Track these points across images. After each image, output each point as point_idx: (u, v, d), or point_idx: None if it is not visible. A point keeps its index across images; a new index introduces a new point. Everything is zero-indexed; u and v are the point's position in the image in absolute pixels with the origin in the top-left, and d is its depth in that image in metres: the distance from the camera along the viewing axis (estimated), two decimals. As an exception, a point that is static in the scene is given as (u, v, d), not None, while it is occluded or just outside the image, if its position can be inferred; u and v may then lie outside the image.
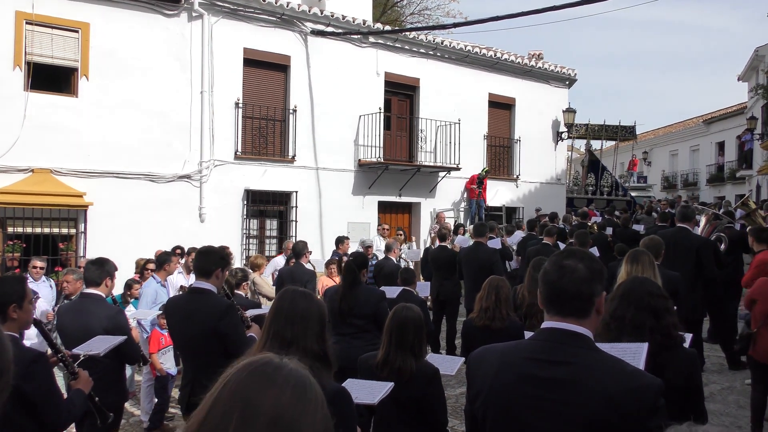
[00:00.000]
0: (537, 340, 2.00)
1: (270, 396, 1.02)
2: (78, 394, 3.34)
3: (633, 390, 1.80)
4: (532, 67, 17.65)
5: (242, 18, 12.72)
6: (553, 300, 1.98)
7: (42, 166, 10.48)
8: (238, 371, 1.07)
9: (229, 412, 1.00)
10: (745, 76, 27.16)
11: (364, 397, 3.18)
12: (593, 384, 1.82)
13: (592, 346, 1.93)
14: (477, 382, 2.07)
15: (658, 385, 1.84)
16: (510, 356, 2.03)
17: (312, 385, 1.08)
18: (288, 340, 2.31)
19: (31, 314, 3.28)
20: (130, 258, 9.86)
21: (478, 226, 8.94)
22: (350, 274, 5.29)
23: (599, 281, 1.97)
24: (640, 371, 1.92)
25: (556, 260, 2.03)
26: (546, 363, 1.91)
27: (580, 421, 1.81)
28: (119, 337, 4.10)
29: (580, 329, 1.92)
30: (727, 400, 6.70)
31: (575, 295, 1.93)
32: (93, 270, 4.34)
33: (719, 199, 23.89)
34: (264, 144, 13.31)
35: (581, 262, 1.97)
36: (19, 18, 10.38)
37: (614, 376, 1.83)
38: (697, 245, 6.83)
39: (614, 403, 1.78)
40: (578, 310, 1.94)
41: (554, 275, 1.98)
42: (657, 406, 1.80)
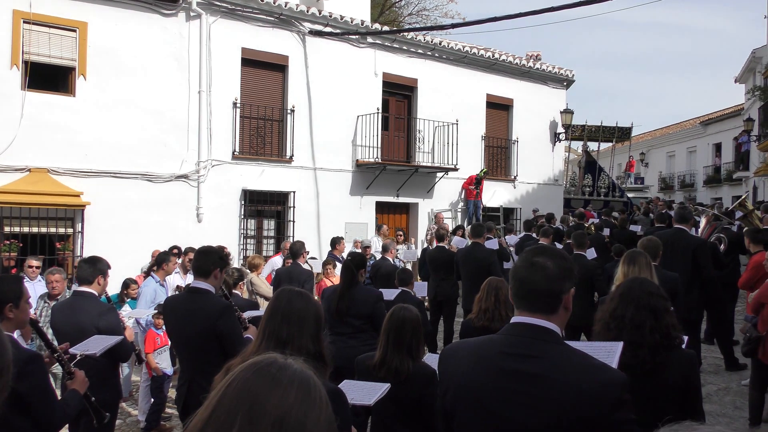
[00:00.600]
0: (508, 334, 2.05)
1: (275, 396, 1.02)
2: (73, 394, 3.34)
3: (599, 384, 1.85)
4: (530, 68, 17.67)
5: (240, 18, 12.71)
6: (522, 296, 2.03)
7: (39, 166, 10.45)
8: (243, 371, 1.07)
9: (234, 412, 1.00)
10: (742, 77, 27.23)
11: (360, 398, 3.19)
12: (561, 378, 1.87)
13: (560, 341, 1.98)
14: (448, 377, 2.12)
15: (623, 379, 1.89)
16: (481, 351, 2.07)
17: (316, 386, 1.08)
18: (283, 339, 2.32)
19: (27, 314, 3.28)
20: (127, 258, 9.87)
21: (476, 226, 8.95)
22: (348, 274, 5.31)
23: (569, 279, 2.02)
24: (606, 365, 1.96)
25: (526, 257, 2.08)
26: (516, 357, 1.96)
27: (549, 414, 1.86)
28: (116, 337, 4.10)
29: (548, 324, 1.98)
30: (724, 401, 6.72)
31: (544, 292, 1.99)
32: (86, 268, 4.36)
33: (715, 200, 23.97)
34: (262, 144, 13.30)
35: (551, 259, 2.02)
36: (16, 17, 10.36)
37: (582, 371, 1.88)
38: (694, 246, 6.85)
39: (582, 396, 1.83)
40: (547, 306, 1.99)
41: (525, 272, 2.03)
42: (622, 400, 1.85)
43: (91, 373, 3.57)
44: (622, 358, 2.82)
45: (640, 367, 2.82)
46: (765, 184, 23.29)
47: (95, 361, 3.85)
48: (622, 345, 2.72)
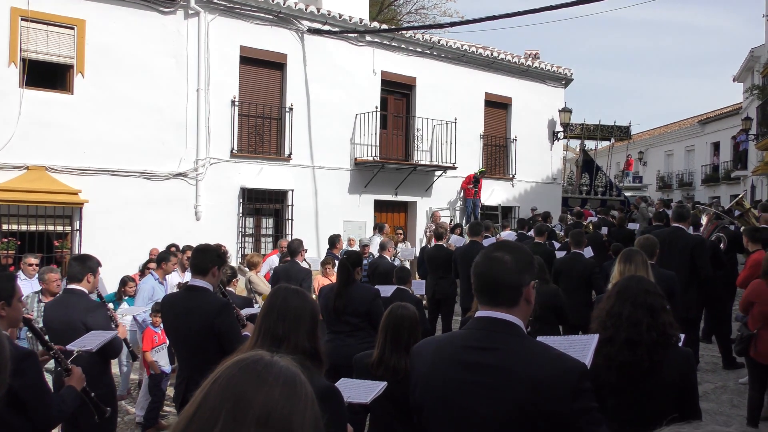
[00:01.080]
0: (470, 329, 2.09)
1: (260, 393, 1.01)
2: (70, 390, 3.34)
3: (556, 373, 1.87)
4: (528, 67, 17.67)
5: (239, 16, 12.70)
6: (483, 290, 2.07)
7: (37, 164, 10.45)
8: (228, 368, 1.07)
9: (218, 409, 1.00)
10: (741, 76, 27.26)
11: (356, 397, 3.19)
12: (520, 369, 1.90)
13: (521, 333, 2.01)
14: (415, 373, 2.16)
15: (580, 368, 1.92)
16: (444, 345, 2.12)
17: (302, 383, 1.08)
18: (279, 336, 2.32)
19: (20, 312, 3.27)
20: (125, 256, 9.88)
21: (474, 225, 8.96)
22: (344, 272, 5.32)
23: (527, 271, 2.05)
24: (564, 355, 1.99)
25: (485, 252, 2.12)
26: (477, 350, 1.99)
27: (510, 405, 1.89)
28: (111, 332, 4.12)
29: (509, 317, 2.00)
30: (721, 399, 6.73)
31: (503, 284, 2.02)
32: (75, 266, 4.40)
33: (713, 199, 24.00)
34: (260, 142, 13.29)
35: (509, 253, 2.05)
36: (14, 14, 10.35)
37: (539, 361, 1.91)
38: (692, 244, 6.85)
39: (539, 386, 1.85)
40: (507, 299, 2.02)
41: (483, 267, 2.07)
42: (581, 389, 1.87)
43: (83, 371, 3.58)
44: (621, 356, 2.84)
45: (638, 366, 2.83)
46: (763, 183, 23.32)
47: (84, 358, 3.86)
48: (597, 338, 2.76)
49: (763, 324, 5.39)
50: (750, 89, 23.43)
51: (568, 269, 7.41)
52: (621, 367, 2.84)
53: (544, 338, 2.78)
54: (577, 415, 1.85)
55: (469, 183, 15.86)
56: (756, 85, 22.89)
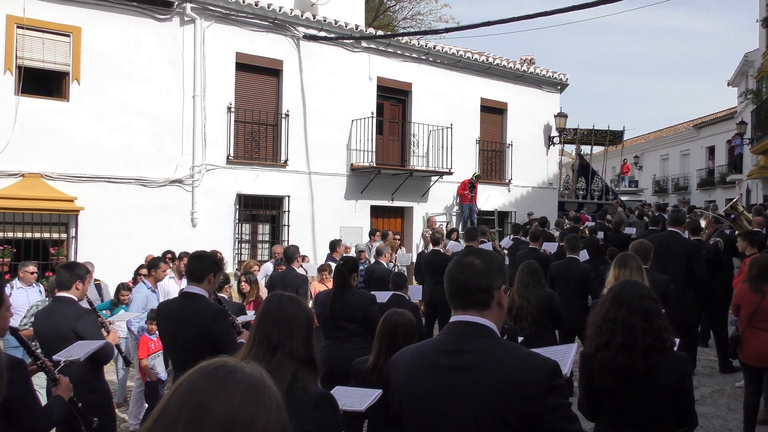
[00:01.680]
0: (444, 333, 2.12)
1: (221, 400, 1.00)
2: (57, 400, 3.33)
3: (527, 370, 1.90)
4: (524, 72, 17.72)
5: (234, 22, 12.72)
6: (455, 294, 2.10)
7: (32, 171, 10.42)
8: (189, 375, 1.06)
9: (177, 417, 0.98)
10: (735, 81, 27.38)
11: (351, 404, 3.19)
12: (492, 369, 1.93)
13: (493, 335, 2.03)
14: (394, 381, 2.18)
15: (551, 364, 1.94)
16: (420, 351, 2.16)
17: (267, 389, 1.06)
18: (274, 343, 2.30)
19: (7, 321, 3.25)
20: (121, 262, 9.84)
21: (470, 230, 8.98)
22: (340, 278, 5.32)
23: (497, 275, 2.08)
24: (535, 354, 2.02)
25: (456, 258, 2.16)
26: (450, 353, 2.02)
27: (485, 406, 1.91)
28: (98, 342, 4.12)
29: (481, 320, 2.03)
30: (718, 403, 6.74)
31: (474, 288, 2.05)
32: (63, 274, 4.41)
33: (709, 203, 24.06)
34: (256, 148, 13.29)
35: (479, 258, 2.10)
36: (10, 22, 10.34)
37: (510, 360, 1.94)
38: (689, 248, 6.88)
39: (512, 384, 1.88)
40: (478, 302, 2.05)
41: (455, 271, 2.11)
42: (553, 385, 1.89)
43: (73, 378, 3.57)
44: (616, 361, 2.85)
45: (633, 370, 2.84)
46: (758, 187, 23.39)
47: (74, 365, 3.86)
48: (576, 347, 2.81)
49: (748, 326, 5.45)
50: (744, 93, 23.53)
51: (563, 274, 7.43)
52: (617, 372, 2.85)
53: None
54: (551, 412, 1.86)
55: (465, 188, 15.88)
56: (750, 89, 22.99)
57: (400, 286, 6.52)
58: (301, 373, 2.29)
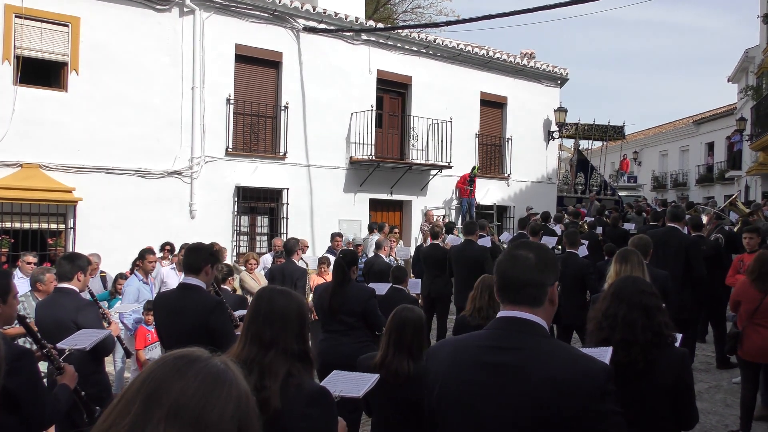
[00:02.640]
0: (490, 329, 2.02)
1: (176, 386, 1.03)
2: (63, 389, 3.33)
3: (581, 374, 1.80)
4: (524, 66, 17.68)
5: (234, 14, 12.67)
6: (506, 288, 2.00)
7: (31, 161, 10.39)
8: (155, 362, 1.10)
9: (133, 400, 1.03)
10: (735, 77, 27.33)
11: (348, 390, 3.16)
12: (541, 369, 1.83)
13: (545, 333, 1.94)
14: (432, 375, 2.09)
15: (606, 369, 1.85)
16: (463, 346, 2.05)
17: (227, 381, 1.08)
18: (267, 341, 2.27)
19: (15, 309, 3.25)
20: (119, 254, 9.83)
21: (468, 224, 8.96)
22: (339, 271, 5.30)
23: (551, 270, 1.99)
24: (589, 356, 1.92)
25: (508, 250, 2.08)
26: (497, 350, 1.92)
27: (529, 406, 1.81)
28: (104, 331, 4.12)
29: (532, 317, 1.94)
30: (714, 399, 6.75)
31: (527, 283, 1.95)
32: (64, 265, 4.40)
33: (708, 199, 24.07)
34: (255, 140, 13.27)
35: (533, 251, 2.00)
36: (8, 11, 10.29)
37: (562, 362, 1.84)
38: (687, 244, 6.87)
39: (564, 386, 1.78)
40: (530, 298, 1.95)
41: (506, 264, 2.01)
42: (607, 390, 1.80)
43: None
44: (615, 356, 2.83)
45: (633, 366, 2.83)
46: (757, 183, 23.39)
47: (75, 356, 3.85)
48: (611, 350, 2.69)
49: (748, 322, 5.45)
50: (744, 90, 23.50)
51: (562, 269, 7.39)
52: (616, 368, 2.83)
53: None
54: (602, 419, 1.78)
55: (464, 182, 15.86)
56: (750, 85, 22.96)
57: (400, 279, 6.50)
58: (295, 369, 2.25)
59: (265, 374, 2.18)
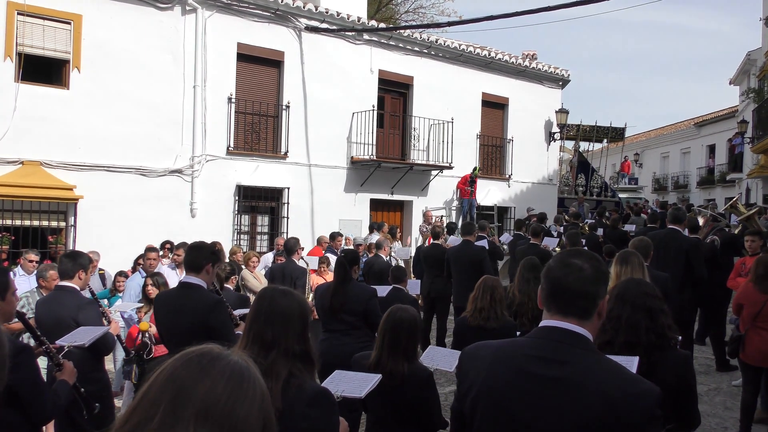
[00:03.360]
0: (536, 338, 1.95)
1: (202, 386, 1.01)
2: (63, 384, 3.34)
3: (634, 395, 1.76)
4: (525, 67, 17.67)
5: (236, 13, 12.67)
6: (556, 297, 1.92)
7: (32, 159, 10.39)
8: (173, 360, 1.06)
9: (158, 402, 0.99)
10: (737, 79, 27.30)
11: (351, 391, 3.15)
12: (593, 386, 1.78)
13: (593, 348, 1.89)
14: (469, 378, 2.02)
15: (657, 392, 1.80)
16: (506, 352, 1.98)
17: (251, 379, 1.06)
18: (269, 341, 2.26)
19: (14, 306, 3.25)
20: (120, 252, 9.83)
21: (466, 224, 8.95)
22: (341, 270, 5.29)
23: (604, 283, 1.94)
24: (639, 377, 1.89)
25: (562, 258, 1.98)
26: (545, 361, 1.86)
27: (576, 422, 1.77)
28: (103, 328, 4.12)
29: (580, 330, 1.88)
30: (714, 402, 6.74)
31: (579, 294, 1.89)
32: (66, 263, 4.40)
33: (709, 201, 24.06)
34: (256, 139, 13.26)
35: (588, 261, 1.93)
36: (10, 8, 10.29)
37: (615, 380, 1.79)
38: (687, 246, 6.86)
39: (614, 407, 1.74)
40: (581, 310, 1.89)
41: (559, 272, 1.93)
42: (656, 415, 1.76)
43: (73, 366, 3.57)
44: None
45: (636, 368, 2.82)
46: (758, 186, 23.38)
47: (75, 354, 3.85)
48: (637, 360, 2.64)
49: (751, 326, 5.43)
50: (746, 92, 23.48)
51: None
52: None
53: None
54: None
55: (465, 183, 15.85)
56: (752, 88, 22.93)
57: (399, 279, 6.50)
58: (296, 369, 2.24)
59: (267, 375, 2.17)
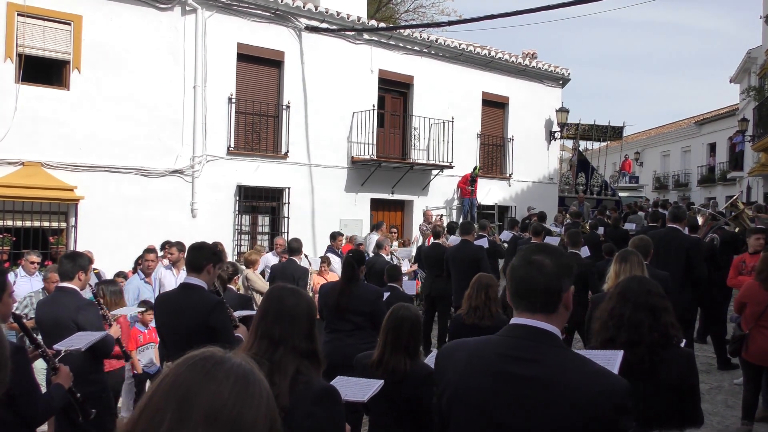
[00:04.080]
0: (507, 336, 1.98)
1: (208, 391, 0.98)
2: (58, 388, 3.34)
3: (601, 390, 1.79)
4: (526, 66, 17.67)
5: (236, 13, 12.67)
6: (521, 295, 1.97)
7: (33, 159, 10.40)
8: (177, 365, 1.04)
9: (163, 409, 0.97)
10: (737, 78, 27.28)
11: (353, 395, 3.17)
12: (562, 383, 1.81)
13: (560, 344, 1.93)
14: (446, 377, 2.06)
15: (625, 386, 1.84)
16: (480, 351, 2.01)
17: (256, 381, 1.04)
18: (276, 339, 2.28)
19: (10, 307, 3.24)
20: (121, 252, 9.84)
21: (465, 224, 8.96)
22: (349, 269, 5.27)
23: (567, 276, 1.96)
24: (607, 371, 1.91)
25: (524, 255, 2.01)
26: (517, 360, 1.90)
27: (550, 420, 1.80)
28: (100, 333, 4.12)
29: (548, 326, 1.92)
30: (716, 400, 6.74)
31: (543, 290, 1.92)
32: (66, 264, 4.40)
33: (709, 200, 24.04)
34: (257, 140, 13.27)
35: (549, 257, 1.96)
36: (11, 9, 10.29)
37: (583, 376, 1.82)
38: (688, 245, 6.85)
39: (582, 402, 1.77)
40: (546, 305, 1.93)
41: (522, 270, 1.97)
42: (625, 407, 1.79)
43: (72, 369, 3.57)
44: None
45: (638, 366, 2.82)
46: (759, 184, 23.36)
47: (73, 356, 3.85)
48: (621, 354, 2.67)
49: (754, 324, 5.42)
50: (746, 90, 23.47)
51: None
52: (621, 368, 2.83)
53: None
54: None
55: (465, 182, 15.85)
56: (752, 86, 22.92)
57: (394, 277, 6.50)
58: (303, 367, 2.27)
59: (275, 371, 2.20)
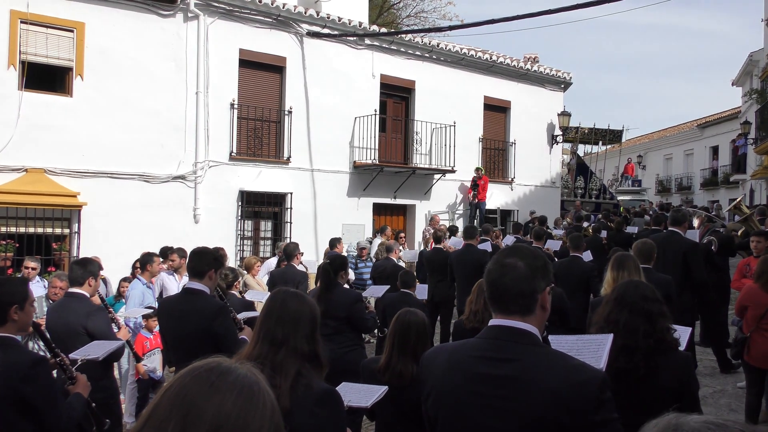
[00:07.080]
0: (484, 338, 2.00)
1: (213, 403, 0.97)
2: (78, 398, 3.34)
3: (577, 384, 1.80)
4: (527, 71, 17.68)
5: (238, 19, 12.71)
6: (496, 298, 1.99)
7: (36, 166, 10.43)
8: (180, 377, 1.02)
9: (167, 420, 0.95)
10: (740, 80, 27.27)
11: (357, 401, 3.18)
12: (538, 380, 1.83)
13: (537, 342, 1.94)
14: (429, 383, 2.08)
15: (601, 377, 1.84)
16: (458, 355, 2.03)
17: (261, 392, 1.03)
18: (278, 340, 2.32)
19: (31, 316, 3.28)
20: (123, 258, 9.85)
21: (468, 228, 8.97)
22: (325, 276, 5.36)
23: (541, 277, 1.97)
24: (584, 365, 1.91)
25: (497, 259, 2.04)
26: (493, 361, 1.91)
27: (528, 418, 1.81)
28: (116, 342, 4.17)
29: (525, 326, 1.93)
30: (719, 404, 6.72)
31: (517, 293, 1.94)
32: (76, 270, 4.45)
33: (712, 203, 24.02)
34: (259, 145, 13.29)
35: (522, 259, 1.97)
36: (13, 17, 10.35)
37: (558, 372, 1.83)
38: (685, 248, 6.84)
39: (559, 398, 1.78)
40: (522, 307, 1.94)
41: (496, 274, 1.98)
42: (602, 399, 1.79)
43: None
44: (617, 363, 2.81)
45: (634, 372, 2.81)
46: (762, 187, 23.33)
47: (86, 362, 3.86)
48: (611, 338, 2.68)
49: (755, 327, 5.41)
50: (749, 93, 23.44)
51: (566, 273, 7.38)
52: (617, 374, 2.81)
53: (557, 337, 2.74)
54: (599, 427, 1.78)
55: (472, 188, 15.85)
56: (755, 89, 22.90)
57: (408, 284, 6.50)
58: (305, 369, 2.30)
59: (277, 371, 2.22)
